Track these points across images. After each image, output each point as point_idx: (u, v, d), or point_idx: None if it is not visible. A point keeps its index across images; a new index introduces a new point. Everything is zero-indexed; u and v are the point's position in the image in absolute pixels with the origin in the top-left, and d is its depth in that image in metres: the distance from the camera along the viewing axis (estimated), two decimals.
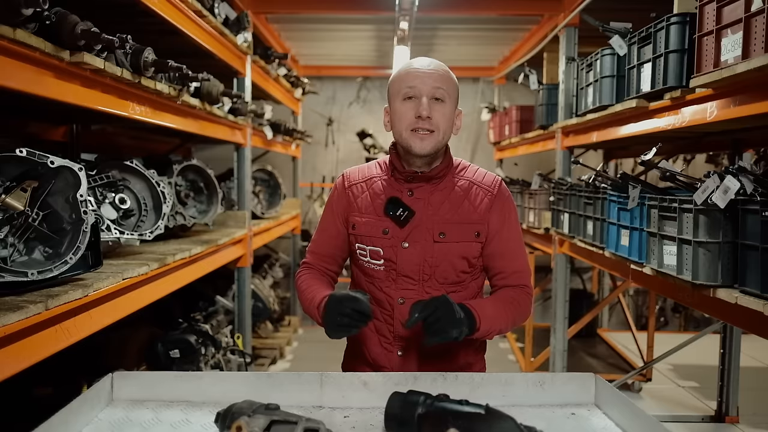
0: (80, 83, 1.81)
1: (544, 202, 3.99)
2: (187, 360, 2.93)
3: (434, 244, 1.51)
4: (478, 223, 1.54)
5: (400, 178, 1.56)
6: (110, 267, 2.13)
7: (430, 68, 1.52)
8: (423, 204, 1.53)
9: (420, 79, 1.49)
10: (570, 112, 3.74)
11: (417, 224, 1.51)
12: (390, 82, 1.58)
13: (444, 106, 1.51)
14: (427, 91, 1.49)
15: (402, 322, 1.51)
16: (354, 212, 1.59)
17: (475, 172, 1.61)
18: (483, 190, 1.57)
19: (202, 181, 3.33)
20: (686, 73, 2.22)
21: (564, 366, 3.93)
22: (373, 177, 1.61)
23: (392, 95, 1.55)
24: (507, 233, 1.57)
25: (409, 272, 1.52)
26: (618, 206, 2.61)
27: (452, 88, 1.54)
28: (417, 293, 1.52)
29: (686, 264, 1.99)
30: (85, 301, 1.78)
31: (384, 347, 1.56)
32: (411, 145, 1.49)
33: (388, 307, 1.55)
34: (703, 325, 6.22)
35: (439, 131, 1.50)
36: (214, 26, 3.00)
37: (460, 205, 1.54)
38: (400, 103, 1.51)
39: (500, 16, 4.55)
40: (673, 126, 2.35)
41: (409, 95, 1.50)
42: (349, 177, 1.63)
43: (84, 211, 1.87)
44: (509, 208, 1.59)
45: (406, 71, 1.53)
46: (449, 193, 1.55)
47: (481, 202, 1.55)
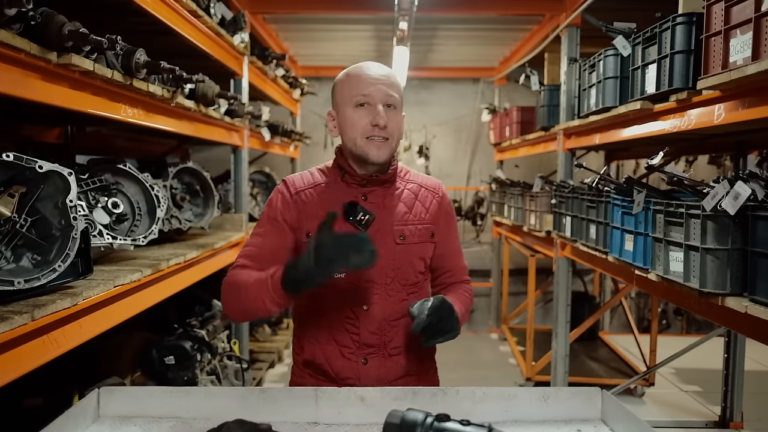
0: (69, 85, 1.76)
1: (545, 204, 3.94)
2: (182, 366, 2.87)
3: (396, 247, 1.51)
4: (431, 224, 1.58)
5: (353, 183, 1.53)
6: (102, 274, 2.07)
7: (383, 75, 1.50)
8: (379, 208, 1.52)
9: (374, 86, 1.48)
10: (572, 113, 3.68)
11: (378, 228, 1.50)
12: (337, 87, 1.54)
13: (396, 113, 1.50)
14: (381, 99, 1.47)
15: (369, 330, 1.50)
16: (305, 221, 1.51)
17: (419, 176, 1.65)
18: (430, 192, 1.61)
19: (198, 183, 3.28)
20: (692, 74, 2.16)
21: (566, 371, 3.87)
22: (319, 183, 1.56)
23: (342, 101, 1.52)
24: (452, 233, 1.64)
25: (373, 277, 1.50)
26: (622, 210, 2.55)
27: (400, 94, 1.54)
28: (380, 297, 1.51)
29: (693, 271, 1.93)
30: (74, 310, 1.73)
31: (347, 358, 1.51)
32: (367, 153, 1.48)
33: (352, 315, 1.50)
34: (705, 328, 6.17)
35: (392, 138, 1.50)
36: (210, 26, 2.95)
37: (413, 207, 1.57)
38: (352, 110, 1.49)
39: (500, 16, 4.49)
40: (678, 128, 2.30)
41: (362, 102, 1.48)
42: (294, 184, 1.56)
43: (74, 216, 1.82)
44: (451, 209, 1.66)
45: (358, 77, 1.50)
46: (401, 196, 1.57)
47: (431, 204, 1.59)
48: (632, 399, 4.29)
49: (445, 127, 6.86)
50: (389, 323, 1.51)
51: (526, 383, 4.41)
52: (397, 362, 1.53)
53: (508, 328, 5.89)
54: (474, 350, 5.69)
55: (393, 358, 1.53)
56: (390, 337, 1.52)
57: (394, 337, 1.52)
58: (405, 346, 1.53)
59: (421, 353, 1.58)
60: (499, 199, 5.49)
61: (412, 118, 6.80)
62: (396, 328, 1.52)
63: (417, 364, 1.57)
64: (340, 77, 1.54)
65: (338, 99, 1.53)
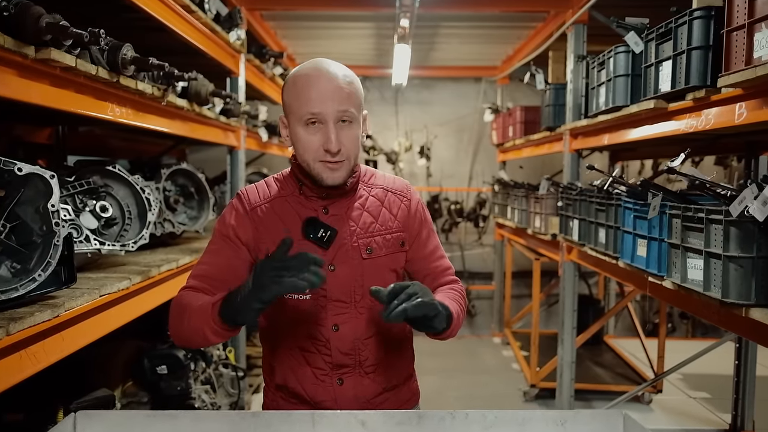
0: (50, 83, 1.64)
1: (551, 206, 3.83)
2: (175, 376, 2.76)
3: (363, 262, 1.39)
4: (400, 232, 1.45)
5: (311, 196, 1.40)
6: (88, 282, 1.97)
7: (336, 86, 1.31)
8: (342, 220, 1.40)
9: (323, 102, 1.30)
10: (578, 113, 3.57)
11: (341, 243, 1.38)
12: (285, 94, 1.36)
13: (352, 128, 1.35)
14: (333, 115, 1.31)
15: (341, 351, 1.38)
16: (263, 239, 1.38)
17: (384, 178, 1.51)
18: (398, 196, 1.48)
19: (192, 185, 3.17)
20: (711, 71, 2.05)
21: (572, 378, 3.76)
22: (276, 197, 1.42)
23: (291, 113, 1.35)
24: (427, 234, 1.51)
25: (340, 296, 1.38)
26: (634, 214, 2.44)
27: (358, 102, 1.36)
28: (351, 316, 1.39)
29: (714, 280, 1.82)
30: (54, 322, 1.62)
31: (320, 380, 1.40)
32: (322, 177, 1.35)
33: (322, 338, 1.38)
34: (712, 332, 6.06)
35: (350, 158, 1.36)
36: (204, 22, 2.84)
37: (379, 216, 1.44)
38: (302, 129, 1.32)
39: (504, 12, 4.38)
40: (695, 128, 2.19)
41: (312, 120, 1.31)
42: (249, 198, 1.42)
43: (56, 222, 1.71)
44: (425, 211, 1.53)
45: (306, 90, 1.31)
46: (365, 204, 1.44)
47: (399, 209, 1.47)
48: (640, 406, 4.18)
49: (447, 127, 6.75)
50: (362, 342, 1.40)
51: (531, 390, 4.30)
52: (374, 380, 1.42)
53: (510, 332, 5.77)
54: (475, 355, 5.57)
55: (369, 376, 1.42)
56: (365, 355, 1.41)
57: (369, 355, 1.41)
58: (381, 362, 1.43)
59: (398, 365, 1.48)
60: (502, 200, 5.38)
61: (413, 118, 6.69)
62: (370, 346, 1.41)
63: (395, 377, 1.47)
64: (289, 83, 1.36)
65: (287, 108, 1.36)
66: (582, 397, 4.13)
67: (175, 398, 2.76)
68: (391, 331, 1.44)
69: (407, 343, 1.53)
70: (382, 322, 1.37)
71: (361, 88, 1.39)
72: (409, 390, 1.53)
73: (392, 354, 1.45)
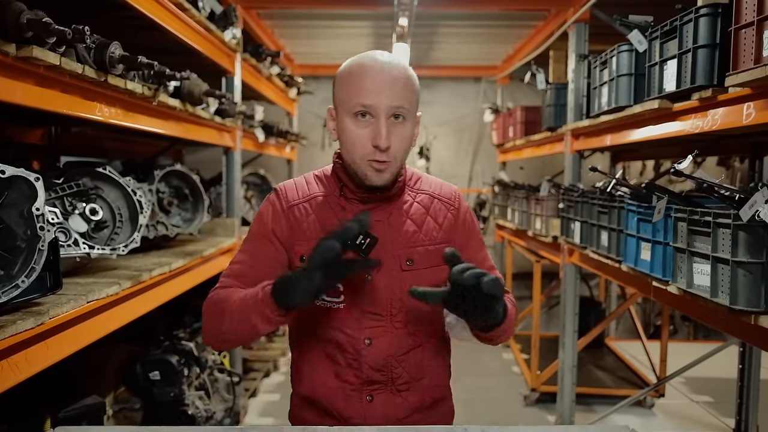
0: (33, 82, 1.58)
1: (552, 208, 3.77)
2: (168, 382, 2.70)
3: (402, 273, 1.30)
4: (445, 243, 1.34)
5: (352, 198, 1.32)
6: (75, 287, 1.90)
7: (391, 76, 1.24)
8: (383, 227, 1.31)
9: (377, 94, 1.22)
10: (580, 113, 3.51)
11: (382, 252, 1.28)
12: (337, 84, 1.29)
13: (404, 127, 1.27)
14: (385, 109, 1.23)
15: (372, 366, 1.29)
16: (299, 240, 1.32)
17: (431, 183, 1.41)
18: (444, 203, 1.39)
19: (187, 187, 3.11)
20: (718, 70, 1.99)
21: (573, 382, 3.70)
22: (316, 195, 1.35)
23: (341, 104, 1.28)
24: (475, 246, 1.40)
25: (376, 308, 1.29)
26: (638, 217, 2.38)
27: (414, 98, 1.29)
28: (385, 330, 1.30)
29: (722, 286, 1.76)
30: (38, 330, 1.56)
31: (349, 395, 1.31)
32: (366, 175, 1.27)
33: (353, 351, 1.30)
34: (714, 334, 6.00)
35: (397, 160, 1.27)
36: (198, 21, 2.78)
37: (423, 224, 1.35)
38: (351, 122, 1.25)
39: (504, 11, 4.32)
40: (700, 129, 2.13)
41: (362, 113, 1.24)
42: (288, 196, 1.36)
43: (41, 226, 1.65)
44: (473, 220, 1.44)
45: (360, 80, 1.24)
46: (409, 211, 1.35)
47: (445, 219, 1.37)
48: (642, 410, 4.12)
49: (446, 127, 6.69)
50: (396, 359, 1.30)
51: (531, 394, 4.24)
52: (407, 399, 1.33)
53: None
54: (476, 358, 5.51)
55: (402, 395, 1.32)
56: (398, 373, 1.31)
57: (403, 373, 1.31)
58: (415, 381, 1.33)
59: (434, 385, 1.37)
60: (503, 201, 5.32)
61: None
62: (405, 363, 1.31)
63: (430, 397, 1.36)
64: (342, 72, 1.29)
65: (337, 100, 1.29)
66: (583, 401, 4.07)
67: (168, 405, 2.69)
68: (428, 348, 1.34)
69: (444, 361, 1.42)
70: (419, 339, 1.31)
71: (418, 85, 1.31)
72: (444, 410, 1.42)
73: (428, 372, 1.35)
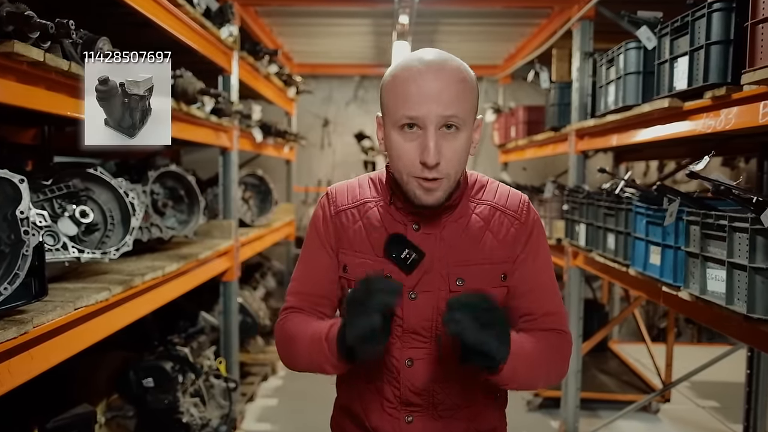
0: (16, 79, 1.51)
1: (555, 210, 3.69)
2: (162, 389, 2.62)
3: (450, 294, 1.15)
4: (503, 263, 1.20)
5: (402, 207, 1.21)
6: (63, 293, 1.83)
7: (441, 82, 1.09)
8: (434, 241, 1.18)
9: (425, 104, 1.08)
10: (584, 112, 3.43)
11: (428, 269, 1.17)
12: (383, 92, 1.16)
13: (457, 138, 1.11)
14: (435, 121, 1.09)
15: (411, 389, 1.19)
16: (344, 248, 1.23)
17: (496, 192, 1.25)
18: (508, 217, 1.22)
19: (182, 188, 3.03)
20: (732, 68, 1.92)
21: (578, 387, 3.62)
22: (366, 201, 1.25)
23: (387, 114, 1.15)
24: (537, 265, 1.23)
25: (418, 329, 1.19)
26: (647, 219, 2.31)
27: (470, 105, 1.13)
28: (428, 352, 1.19)
29: (738, 293, 1.69)
30: (21, 340, 1.48)
31: (388, 413, 1.22)
32: (415, 194, 1.14)
33: (393, 370, 1.21)
34: (718, 337, 5.92)
35: (449, 177, 1.13)
36: (193, 17, 2.70)
37: (480, 240, 1.20)
38: (397, 134, 1.12)
39: (506, 8, 4.24)
40: (713, 129, 2.05)
41: (409, 124, 1.11)
42: (337, 200, 1.26)
43: (25, 230, 1.58)
44: (540, 236, 1.25)
45: (405, 87, 1.10)
46: (466, 224, 1.20)
47: (507, 234, 1.21)
48: (647, 416, 4.04)
49: None
50: (439, 384, 1.20)
51: (534, 399, 4.16)
52: (449, 425, 1.22)
53: None
54: None
55: (444, 420, 1.21)
56: (440, 398, 1.21)
57: (446, 399, 1.21)
58: (460, 408, 1.22)
59: (482, 414, 1.24)
60: None
61: None
62: (448, 390, 1.21)
63: (476, 428, 1.25)
64: (387, 77, 1.16)
65: (384, 108, 1.17)
66: (587, 406, 3.99)
67: (162, 412, 2.62)
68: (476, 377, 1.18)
69: (496, 390, 1.26)
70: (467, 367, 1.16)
71: (476, 87, 1.17)
72: None
73: (474, 401, 1.23)
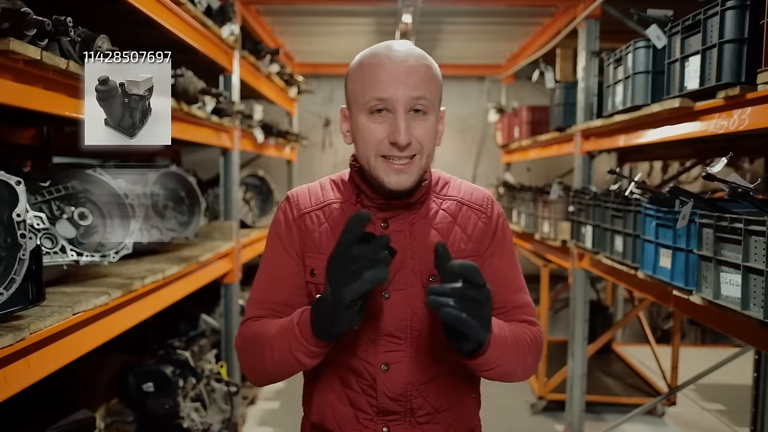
0: (12, 78, 1.46)
1: (560, 211, 3.64)
2: (162, 394, 2.58)
3: (424, 291, 1.15)
4: (473, 256, 1.19)
5: (369, 206, 1.19)
6: (61, 298, 1.78)
7: (408, 65, 1.10)
8: (404, 238, 1.17)
9: (394, 86, 1.09)
10: (590, 112, 3.40)
11: (400, 266, 1.15)
12: (349, 79, 1.17)
13: (426, 120, 1.12)
14: (404, 102, 1.09)
15: (389, 395, 1.15)
16: (311, 251, 1.19)
17: (460, 188, 1.26)
18: (475, 211, 1.23)
19: (183, 189, 2.98)
20: (746, 67, 1.87)
21: (583, 390, 3.58)
22: (330, 202, 1.22)
23: (354, 101, 1.15)
24: (506, 259, 1.23)
25: (393, 330, 1.15)
26: (656, 222, 2.26)
27: (436, 90, 1.14)
28: (405, 355, 1.16)
29: (754, 298, 1.64)
30: (17, 347, 1.44)
31: (363, 424, 1.17)
32: (383, 179, 1.12)
33: (368, 377, 1.16)
34: (723, 339, 5.87)
35: (421, 155, 1.13)
36: (194, 16, 2.66)
37: (449, 235, 1.19)
38: (365, 118, 1.12)
39: (511, 7, 4.20)
40: (725, 129, 2.01)
41: (378, 108, 1.11)
42: (299, 203, 1.23)
43: (22, 234, 1.53)
44: (506, 230, 1.26)
45: (374, 71, 1.11)
46: (434, 219, 1.20)
47: (475, 228, 1.21)
48: (653, 419, 4.00)
49: (449, 127, 6.57)
50: (417, 387, 1.17)
51: (538, 402, 4.11)
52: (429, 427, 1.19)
53: None
54: None
55: (422, 427, 1.18)
56: (418, 403, 1.17)
57: (424, 404, 1.17)
58: (437, 412, 1.19)
59: (458, 417, 1.21)
60: (508, 203, 5.20)
61: None
62: (426, 392, 1.17)
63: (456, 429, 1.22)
64: (354, 65, 1.17)
65: (350, 97, 1.17)
66: (592, 409, 3.95)
67: (162, 418, 2.58)
68: (453, 377, 1.19)
69: (472, 391, 1.26)
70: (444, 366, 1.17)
71: (440, 77, 1.17)
72: None
73: (452, 404, 1.21)
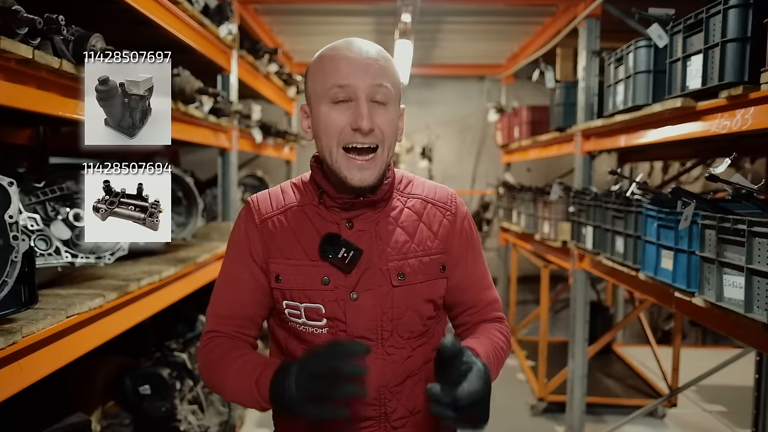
0: (3, 77, 1.44)
1: (561, 211, 3.62)
2: (159, 397, 2.56)
3: (393, 290, 1.14)
4: (441, 254, 1.20)
5: (333, 206, 1.17)
6: (55, 300, 1.76)
7: (369, 56, 1.12)
8: (369, 237, 1.15)
9: (355, 74, 1.09)
10: (590, 112, 3.37)
11: (367, 266, 1.14)
12: (309, 74, 1.16)
13: (388, 111, 1.13)
14: (366, 91, 1.10)
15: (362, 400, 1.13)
16: (274, 257, 1.17)
17: (424, 186, 1.26)
18: (440, 209, 1.23)
19: (180, 190, 2.96)
20: (749, 66, 1.85)
21: (584, 392, 3.56)
22: (292, 205, 1.21)
23: (314, 94, 1.14)
24: (475, 257, 1.25)
25: (363, 332, 1.13)
26: (658, 223, 2.24)
27: (396, 82, 1.16)
28: (376, 356, 1.14)
29: (758, 300, 1.62)
30: (9, 351, 1.41)
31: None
32: (346, 175, 1.12)
33: None
34: (723, 339, 5.85)
35: (383, 147, 1.12)
36: (191, 15, 2.63)
37: (415, 233, 1.19)
38: (327, 108, 1.11)
39: (511, 6, 4.17)
40: (728, 129, 1.99)
41: (340, 98, 1.10)
42: (260, 208, 1.21)
43: (14, 235, 1.52)
44: (472, 227, 1.27)
45: (334, 62, 1.11)
46: (399, 218, 1.19)
47: (441, 225, 1.21)
48: (653, 421, 3.97)
49: (449, 127, 6.55)
50: (390, 390, 1.15)
51: (538, 404, 4.09)
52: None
53: (516, 340, 5.56)
54: None
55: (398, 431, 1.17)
56: (392, 406, 1.16)
57: (398, 407, 1.16)
58: (413, 415, 1.18)
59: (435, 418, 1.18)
60: (508, 203, 5.18)
61: (414, 118, 6.48)
62: (399, 395, 1.16)
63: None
64: (313, 61, 1.17)
65: (310, 91, 1.16)
66: (593, 411, 3.92)
67: (159, 421, 2.56)
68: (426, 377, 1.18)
69: None
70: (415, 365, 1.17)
71: (398, 74, 1.18)
72: None
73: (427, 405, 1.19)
